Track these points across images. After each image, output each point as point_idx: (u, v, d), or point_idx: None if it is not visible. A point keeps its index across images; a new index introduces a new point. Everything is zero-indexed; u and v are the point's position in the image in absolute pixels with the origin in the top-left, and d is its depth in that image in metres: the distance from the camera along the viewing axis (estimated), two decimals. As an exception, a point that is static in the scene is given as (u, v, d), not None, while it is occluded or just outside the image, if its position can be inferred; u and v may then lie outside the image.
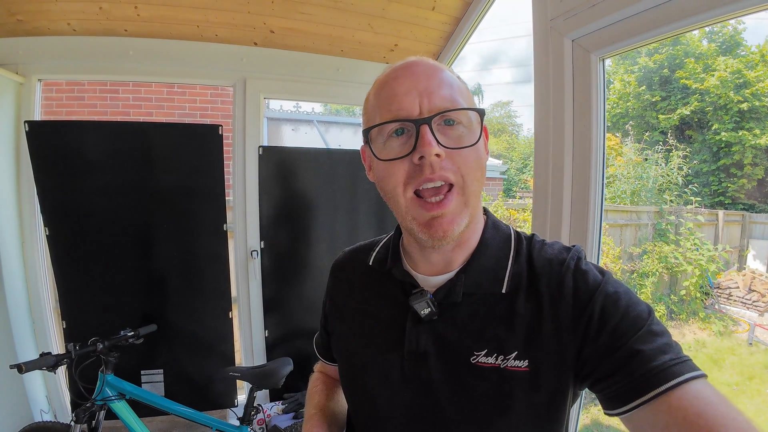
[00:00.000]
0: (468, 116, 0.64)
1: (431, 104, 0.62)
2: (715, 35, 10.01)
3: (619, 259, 5.48)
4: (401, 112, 0.62)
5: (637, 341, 0.55)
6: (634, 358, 0.54)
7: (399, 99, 0.62)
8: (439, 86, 0.63)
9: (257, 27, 2.13)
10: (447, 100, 0.62)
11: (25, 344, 2.14)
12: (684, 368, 0.52)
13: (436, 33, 2.21)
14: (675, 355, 0.54)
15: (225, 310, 2.34)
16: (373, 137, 0.66)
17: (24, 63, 2.08)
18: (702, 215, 6.49)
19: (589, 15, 1.22)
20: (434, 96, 0.62)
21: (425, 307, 0.67)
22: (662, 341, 0.55)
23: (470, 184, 0.63)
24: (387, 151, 0.64)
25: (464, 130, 0.63)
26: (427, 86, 0.62)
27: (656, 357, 0.53)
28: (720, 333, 5.19)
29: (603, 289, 0.61)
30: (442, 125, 0.62)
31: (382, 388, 0.71)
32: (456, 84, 0.66)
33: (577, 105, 1.30)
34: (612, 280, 0.63)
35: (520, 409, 0.62)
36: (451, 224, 0.62)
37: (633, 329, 0.56)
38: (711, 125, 9.06)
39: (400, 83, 0.64)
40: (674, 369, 0.52)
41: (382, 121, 0.64)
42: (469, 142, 0.63)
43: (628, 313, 0.58)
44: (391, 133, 0.64)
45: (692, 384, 0.51)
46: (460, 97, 0.64)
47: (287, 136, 7.16)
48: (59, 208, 2.10)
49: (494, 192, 8.45)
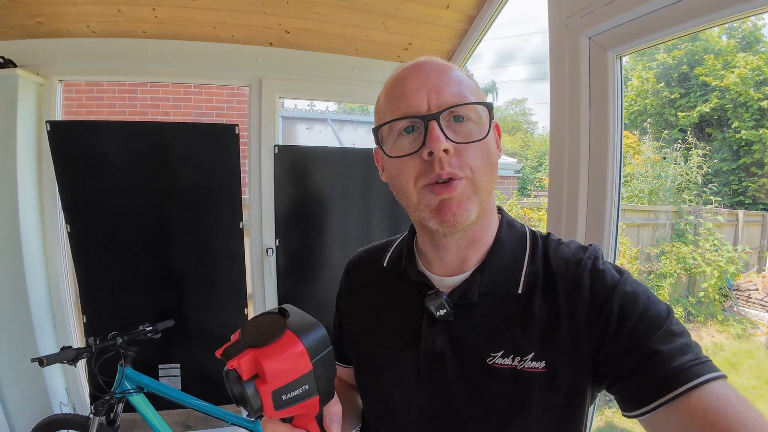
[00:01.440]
0: (477, 112, 0.64)
1: (439, 100, 0.62)
2: (735, 31, 9.77)
3: (636, 260, 5.39)
4: (410, 109, 0.62)
5: (656, 341, 0.54)
6: (653, 358, 0.53)
7: (408, 96, 0.63)
8: (448, 83, 0.63)
9: (272, 27, 2.15)
10: (455, 96, 0.62)
11: (46, 338, 2.19)
12: (704, 369, 0.51)
13: (450, 31, 2.21)
14: (695, 356, 0.53)
15: (240, 306, 2.37)
16: (384, 136, 0.67)
17: (45, 64, 2.13)
18: (722, 215, 6.35)
19: (605, 12, 1.20)
20: (442, 93, 0.62)
21: (441, 308, 0.66)
22: (682, 341, 0.54)
23: (480, 179, 0.63)
24: (397, 149, 0.64)
25: (473, 126, 0.63)
26: (435, 83, 0.63)
27: (676, 357, 0.52)
28: (738, 336, 5.07)
29: (621, 288, 0.60)
30: (451, 122, 0.63)
31: (397, 388, 0.71)
32: (465, 81, 0.66)
33: (594, 104, 1.29)
34: (630, 279, 0.62)
35: (537, 411, 0.61)
36: (459, 208, 0.61)
37: (652, 329, 0.55)
38: (731, 123, 8.85)
39: (408, 81, 0.64)
40: (694, 370, 0.51)
41: (391, 118, 0.64)
42: (478, 137, 0.63)
43: (647, 313, 0.57)
44: (401, 131, 0.64)
45: (712, 385, 0.50)
46: (469, 94, 0.64)
47: (302, 134, 7.19)
48: (80, 205, 2.15)
49: (509, 191, 8.37)
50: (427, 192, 0.62)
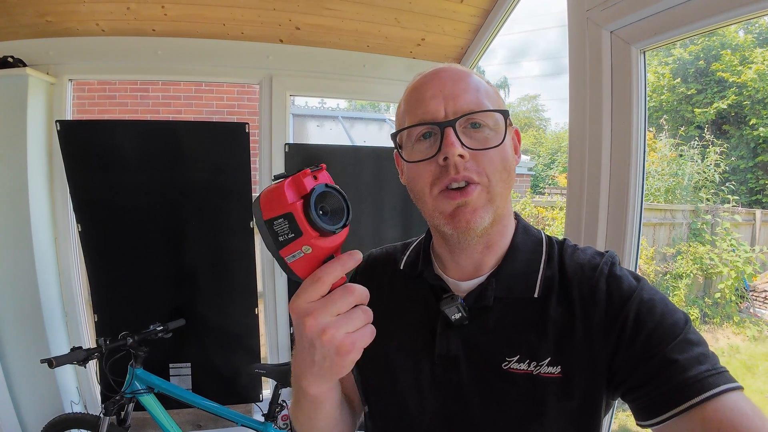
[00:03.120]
0: (494, 118, 0.65)
1: (456, 107, 0.63)
2: (752, 26, 9.57)
3: (653, 260, 5.30)
4: (427, 116, 0.64)
5: (672, 350, 0.54)
6: (668, 367, 0.53)
7: (425, 103, 0.65)
8: (465, 90, 0.65)
9: (283, 24, 2.12)
10: (473, 103, 0.64)
11: (57, 337, 2.20)
12: (720, 379, 0.51)
13: (465, 26, 2.16)
14: (711, 366, 0.52)
15: (251, 306, 2.36)
16: (403, 141, 0.70)
17: (55, 64, 2.13)
18: (739, 214, 6.22)
19: (629, 5, 1.16)
20: (459, 100, 0.64)
21: (456, 312, 0.66)
22: (698, 351, 0.54)
23: (495, 185, 0.64)
24: (414, 154, 0.66)
25: (490, 132, 0.64)
26: (453, 90, 0.64)
27: (692, 367, 0.52)
28: (754, 338, 4.97)
29: (638, 295, 0.60)
30: (468, 128, 0.64)
31: (412, 391, 0.70)
32: (483, 88, 0.67)
33: (616, 100, 1.24)
34: (648, 286, 0.62)
35: (552, 417, 0.61)
36: (473, 214, 0.62)
37: (668, 337, 0.55)
38: (748, 120, 8.67)
39: (427, 88, 0.66)
40: (710, 380, 0.51)
41: (409, 124, 0.66)
42: (494, 143, 0.64)
43: (663, 321, 0.57)
44: (418, 137, 0.66)
45: (728, 396, 0.50)
46: (487, 101, 0.65)
47: (312, 132, 7.18)
48: (91, 205, 2.15)
49: (522, 189, 8.32)
50: (442, 198, 0.64)
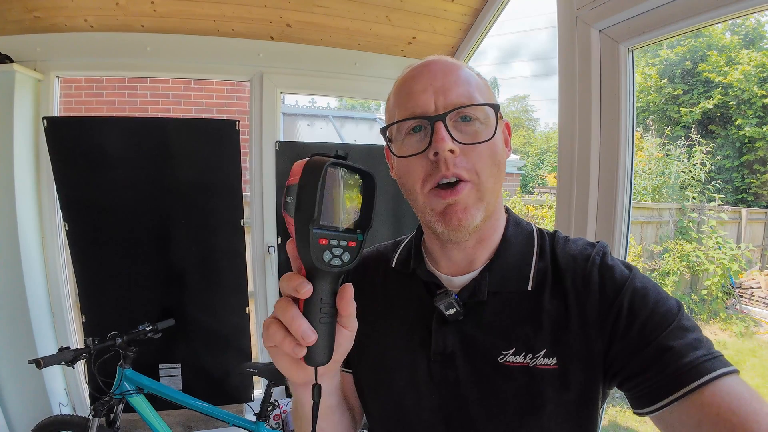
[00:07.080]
0: (485, 112, 0.64)
1: (446, 101, 0.62)
2: (738, 27, 9.71)
3: (640, 258, 5.37)
4: (417, 110, 0.63)
5: (667, 337, 0.54)
6: (664, 354, 0.53)
7: (415, 97, 0.64)
8: (456, 83, 0.63)
9: (274, 21, 2.11)
10: (463, 96, 0.63)
11: (44, 338, 2.17)
12: (716, 364, 0.51)
13: (455, 25, 2.17)
14: (706, 351, 0.53)
15: (242, 305, 2.34)
16: (393, 135, 0.68)
17: (42, 60, 2.10)
18: (725, 213, 6.32)
19: (617, 4, 1.17)
20: (450, 93, 0.62)
21: (450, 307, 0.66)
22: (693, 336, 0.54)
23: (485, 181, 0.63)
24: (405, 148, 0.65)
25: (481, 126, 0.63)
26: (443, 84, 0.63)
27: (687, 353, 0.52)
28: (741, 334, 5.05)
29: (631, 284, 0.60)
30: (458, 122, 0.63)
31: (409, 389, 0.70)
32: (474, 81, 0.66)
33: (605, 99, 1.26)
34: (639, 275, 0.62)
35: (551, 409, 0.61)
36: (465, 212, 0.62)
37: (663, 325, 0.55)
38: (734, 120, 8.80)
39: (416, 81, 0.65)
40: (706, 365, 0.51)
41: (399, 119, 0.65)
42: (484, 137, 0.63)
43: (657, 308, 0.57)
44: (408, 131, 0.65)
45: (725, 380, 0.50)
46: (477, 94, 0.64)
47: (303, 131, 7.14)
48: (78, 203, 2.12)
49: (512, 188, 8.37)
50: (432, 196, 0.63)
